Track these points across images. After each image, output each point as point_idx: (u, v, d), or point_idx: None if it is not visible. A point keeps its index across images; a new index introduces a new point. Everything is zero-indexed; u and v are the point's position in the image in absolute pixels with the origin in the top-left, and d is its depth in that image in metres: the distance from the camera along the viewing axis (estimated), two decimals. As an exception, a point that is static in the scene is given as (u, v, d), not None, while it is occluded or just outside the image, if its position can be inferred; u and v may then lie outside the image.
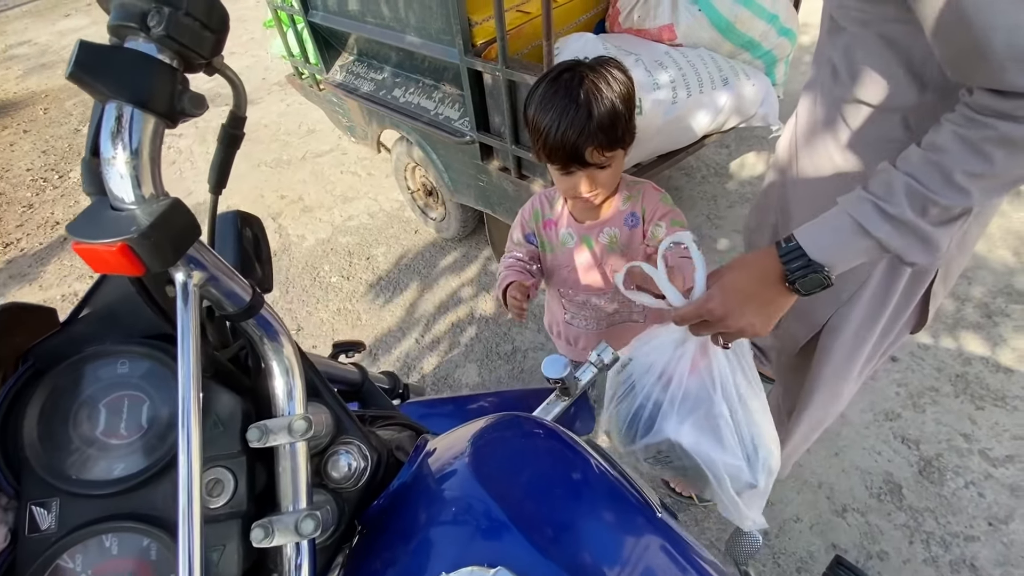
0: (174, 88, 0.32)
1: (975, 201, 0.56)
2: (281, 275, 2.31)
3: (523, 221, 1.06)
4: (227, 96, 3.88)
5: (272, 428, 0.43)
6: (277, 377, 0.45)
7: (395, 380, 0.99)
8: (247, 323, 0.43)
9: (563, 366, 0.77)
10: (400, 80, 1.87)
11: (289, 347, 0.46)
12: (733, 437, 0.75)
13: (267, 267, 0.65)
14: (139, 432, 0.43)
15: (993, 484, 1.35)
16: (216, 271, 0.38)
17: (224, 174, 0.47)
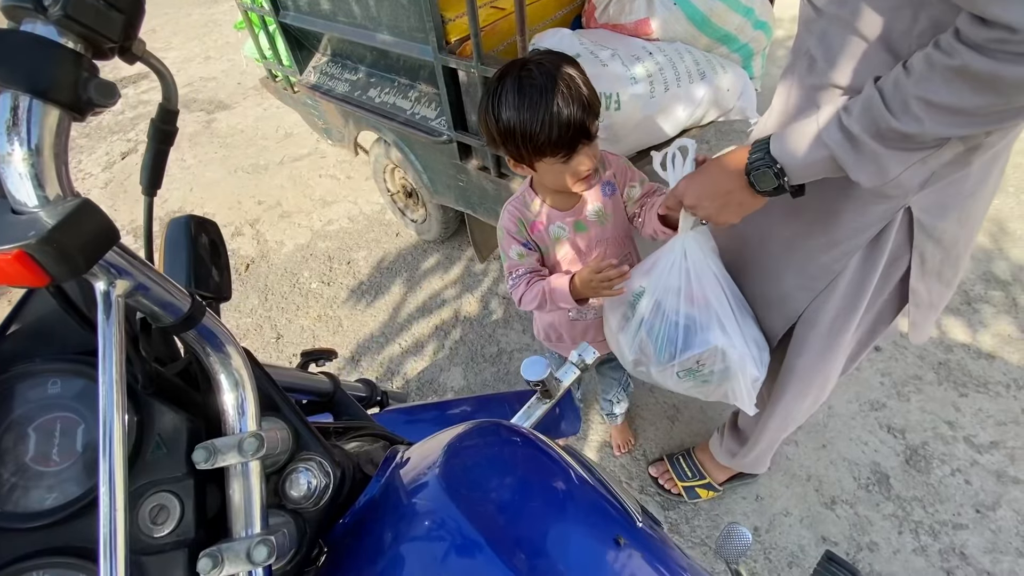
0: (78, 76, 0.28)
1: (927, 131, 0.55)
2: (260, 282, 2.26)
3: (512, 235, 1.01)
4: (203, 101, 3.81)
5: (221, 447, 0.40)
6: (226, 392, 0.42)
7: (372, 388, 0.96)
8: (188, 335, 0.39)
9: (543, 367, 0.75)
10: (375, 80, 1.84)
11: (238, 358, 0.42)
12: (748, 334, 0.90)
13: (225, 274, 0.61)
14: (73, 457, 0.39)
15: (979, 471, 1.36)
16: (145, 279, 0.35)
17: (158, 173, 0.44)
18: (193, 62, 4.49)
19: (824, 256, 0.81)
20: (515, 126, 0.81)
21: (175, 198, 2.89)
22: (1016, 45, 0.47)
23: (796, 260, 0.85)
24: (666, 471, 1.41)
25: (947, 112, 0.53)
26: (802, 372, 0.97)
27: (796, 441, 1.46)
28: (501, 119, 0.82)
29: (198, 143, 3.34)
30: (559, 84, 0.80)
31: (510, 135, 0.83)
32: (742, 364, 0.88)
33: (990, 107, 0.52)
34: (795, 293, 0.87)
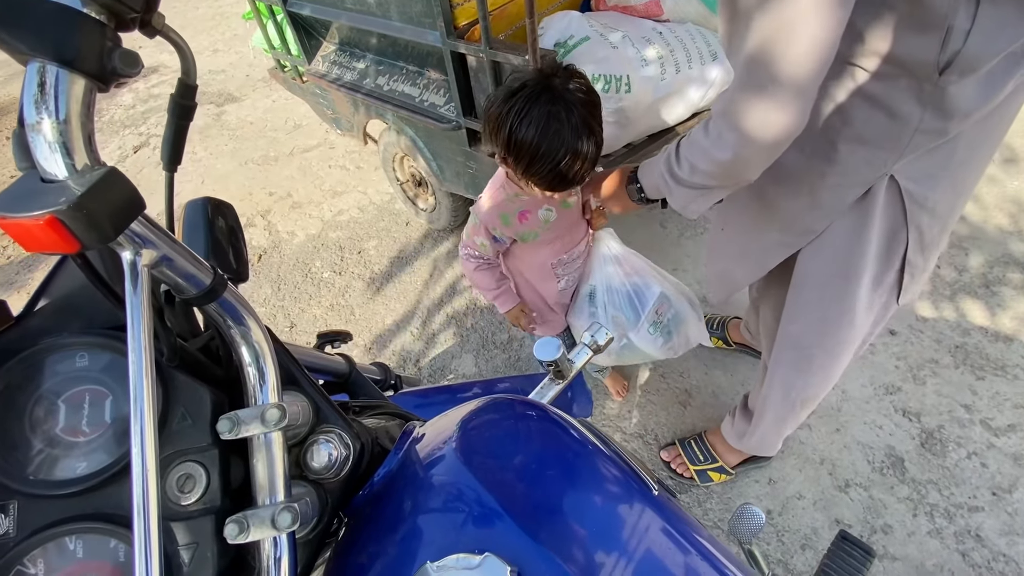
0: (103, 45, 0.29)
1: (694, 181, 0.76)
2: (272, 272, 2.28)
3: (486, 226, 1.06)
4: (212, 94, 3.82)
5: (244, 418, 0.41)
6: (247, 365, 0.43)
7: (386, 371, 0.97)
8: (210, 308, 0.40)
9: (556, 348, 0.75)
10: (384, 68, 1.83)
11: (259, 332, 0.43)
12: (673, 284, 1.19)
13: (242, 256, 0.62)
14: (102, 428, 0.41)
15: (996, 454, 1.34)
16: (169, 250, 0.35)
17: (178, 149, 0.44)
18: (202, 55, 4.51)
19: (807, 216, 0.84)
20: (529, 147, 0.80)
21: (187, 191, 2.92)
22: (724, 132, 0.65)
23: (780, 218, 0.88)
24: (678, 455, 1.41)
25: (701, 174, 0.73)
26: (797, 339, 0.98)
27: (809, 425, 1.46)
28: (517, 133, 0.80)
29: (209, 136, 3.36)
30: (586, 128, 0.80)
31: (519, 150, 0.82)
32: (681, 304, 1.17)
33: (723, 179, 0.73)
34: (774, 248, 0.92)
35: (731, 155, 0.67)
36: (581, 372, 1.03)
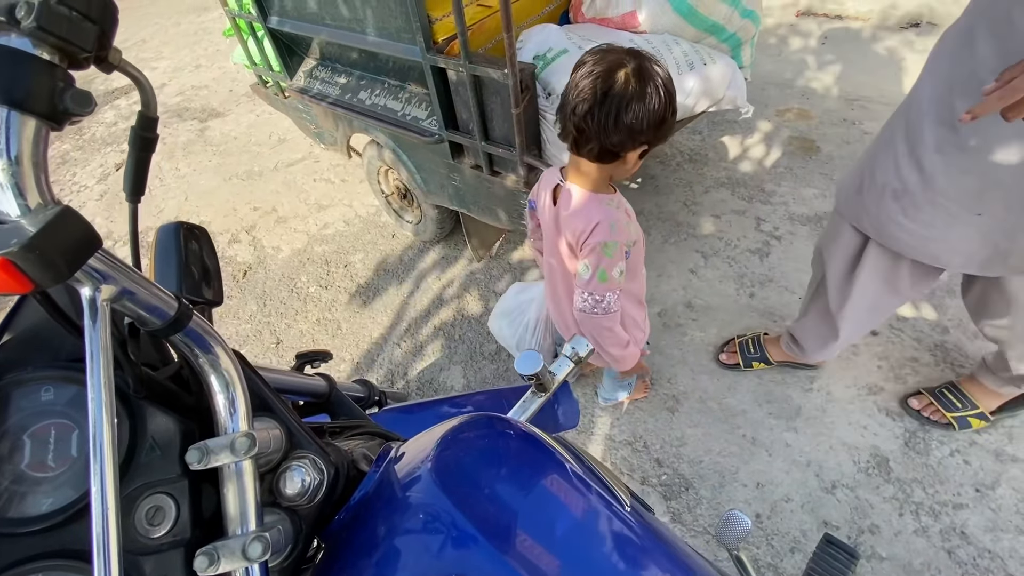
0: (54, 86, 0.29)
1: None
2: (258, 288, 2.27)
3: (622, 243, 0.98)
4: (195, 109, 3.81)
5: (213, 448, 0.40)
6: (217, 393, 0.43)
7: (370, 388, 0.97)
8: (176, 338, 0.40)
9: (537, 361, 0.75)
10: (365, 82, 1.84)
11: (227, 360, 0.43)
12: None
13: (216, 279, 0.62)
14: (68, 462, 0.40)
15: (977, 451, 1.36)
16: (131, 283, 0.35)
17: (140, 180, 0.44)
18: (184, 71, 4.49)
19: None
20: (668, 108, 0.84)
21: (170, 207, 2.89)
22: None
23: None
24: (930, 403, 1.41)
25: None
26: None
27: (795, 428, 1.47)
28: (671, 111, 0.85)
29: (192, 152, 3.34)
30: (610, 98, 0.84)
31: (668, 118, 0.85)
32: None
33: None
34: None
35: None
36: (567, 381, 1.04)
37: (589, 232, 0.94)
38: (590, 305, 0.99)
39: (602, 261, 0.94)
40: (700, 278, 1.88)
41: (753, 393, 1.56)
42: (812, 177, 2.16)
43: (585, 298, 0.99)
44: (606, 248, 0.94)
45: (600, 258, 0.94)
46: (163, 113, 3.89)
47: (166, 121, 3.77)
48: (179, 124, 3.70)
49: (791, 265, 1.86)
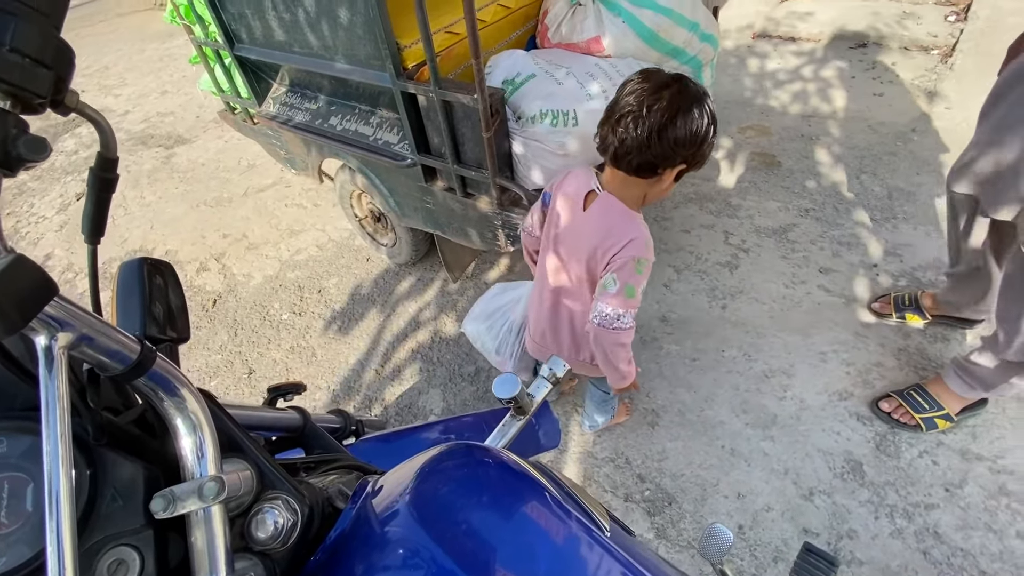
0: (7, 133, 0.28)
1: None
2: (229, 317, 2.21)
3: (651, 260, 1.00)
4: (160, 136, 3.73)
5: (179, 494, 0.39)
6: (183, 436, 0.41)
7: (346, 418, 0.95)
8: (139, 382, 0.39)
9: (515, 385, 0.75)
10: (336, 108, 1.84)
11: (193, 401, 0.42)
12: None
13: (182, 315, 0.60)
14: (23, 518, 0.38)
15: (944, 451, 1.41)
16: (89, 329, 0.34)
17: (100, 221, 0.43)
18: (149, 97, 4.42)
19: None
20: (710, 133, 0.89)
21: (135, 237, 2.82)
22: None
23: None
24: (899, 405, 1.46)
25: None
26: None
27: (772, 437, 1.49)
28: (711, 133, 0.88)
29: (157, 179, 3.27)
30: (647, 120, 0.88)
31: (708, 140, 0.89)
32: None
33: None
34: None
35: None
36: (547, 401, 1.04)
37: (623, 246, 0.94)
38: (610, 320, 0.97)
39: (632, 277, 0.94)
40: (674, 292, 1.92)
41: (730, 404, 1.59)
42: (775, 191, 2.24)
43: (607, 313, 0.97)
44: (639, 264, 0.94)
45: (631, 274, 0.94)
46: (127, 140, 3.81)
47: (130, 148, 3.69)
48: (144, 151, 3.62)
49: (760, 276, 1.91)
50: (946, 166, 2.19)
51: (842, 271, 1.88)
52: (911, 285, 1.80)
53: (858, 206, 2.11)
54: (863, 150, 2.35)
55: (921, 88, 2.64)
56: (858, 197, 2.14)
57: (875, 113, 2.54)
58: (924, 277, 1.82)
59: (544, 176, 1.52)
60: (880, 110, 2.56)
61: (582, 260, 1.02)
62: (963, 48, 2.80)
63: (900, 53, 2.92)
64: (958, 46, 2.83)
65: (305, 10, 1.52)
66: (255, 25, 1.73)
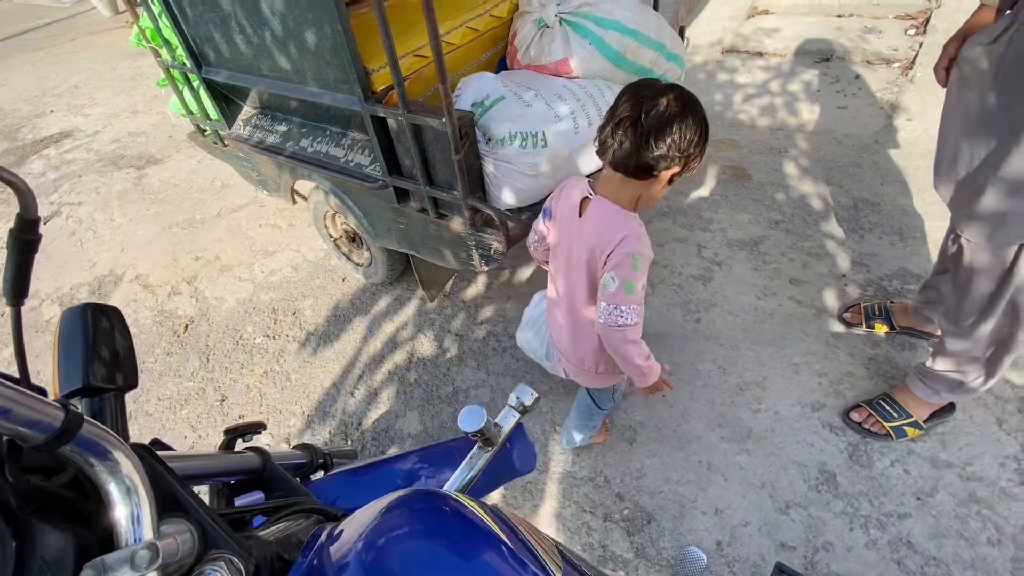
0: None
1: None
2: (200, 343, 2.16)
3: (648, 258, 1.03)
4: (131, 157, 3.67)
5: (111, 564, 0.37)
6: (117, 502, 0.40)
7: (312, 452, 0.92)
8: (65, 449, 0.37)
9: (480, 417, 0.74)
10: (307, 130, 1.83)
11: (127, 463, 0.40)
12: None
13: (129, 362, 0.58)
14: (-61, 599, 0.36)
15: (915, 459, 1.43)
16: (4, 401, 0.33)
17: (23, 283, 0.42)
18: (120, 117, 4.35)
19: None
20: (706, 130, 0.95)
21: (104, 261, 2.75)
22: None
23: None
24: (869, 414, 1.48)
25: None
26: None
27: (748, 450, 1.50)
28: (704, 132, 0.94)
29: (128, 201, 3.21)
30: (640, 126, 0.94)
31: (705, 138, 0.95)
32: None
33: None
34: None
35: None
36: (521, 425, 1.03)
37: (617, 243, 0.96)
38: (613, 319, 0.99)
39: (629, 274, 0.97)
40: (648, 306, 1.93)
41: (706, 418, 1.59)
42: (746, 203, 2.29)
43: (610, 311, 0.99)
44: (635, 260, 0.96)
45: (628, 271, 0.97)
46: (97, 161, 3.73)
47: (100, 170, 3.62)
48: (114, 172, 3.55)
49: (733, 289, 1.94)
50: (909, 176, 2.26)
51: (812, 282, 1.92)
52: (879, 295, 1.84)
53: (826, 217, 2.16)
54: (829, 162, 2.42)
55: (883, 100, 2.72)
56: (825, 208, 2.20)
57: (840, 125, 2.62)
58: (890, 286, 1.86)
59: (516, 197, 1.52)
60: (845, 122, 2.63)
61: (582, 264, 1.05)
62: (923, 61, 2.90)
63: (863, 66, 3.01)
64: (918, 59, 2.94)
65: (272, 33, 1.51)
66: (223, 48, 1.72)
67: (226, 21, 1.61)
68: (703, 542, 1.35)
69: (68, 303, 2.55)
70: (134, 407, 1.98)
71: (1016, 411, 1.48)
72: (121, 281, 2.59)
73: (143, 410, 1.96)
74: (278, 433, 1.80)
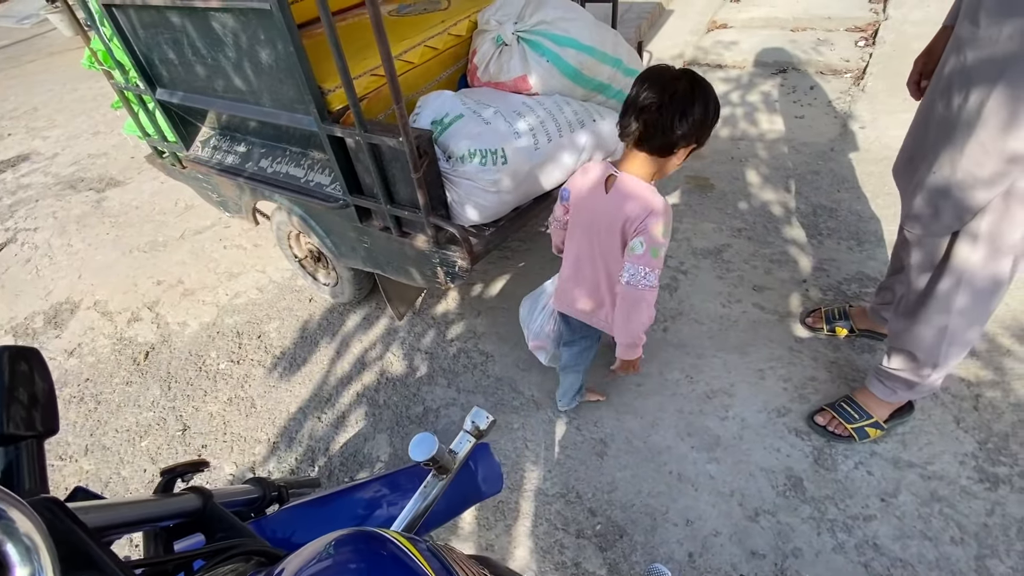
0: None
1: None
2: (161, 370, 2.09)
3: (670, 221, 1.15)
4: (91, 179, 3.55)
5: (3, 638, 0.35)
6: (16, 565, 0.37)
7: (265, 487, 0.89)
8: (-53, 515, 0.35)
9: (431, 445, 0.73)
10: (266, 150, 1.80)
11: (26, 521, 0.38)
12: None
13: (48, 404, 0.56)
14: None
15: (878, 460, 1.46)
16: None
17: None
18: (80, 139, 4.24)
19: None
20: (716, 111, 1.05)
21: (61, 288, 2.65)
22: None
23: None
24: (833, 417, 1.51)
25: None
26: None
27: (717, 459, 1.51)
28: (716, 115, 1.05)
29: (87, 225, 3.11)
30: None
31: (713, 119, 1.05)
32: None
33: None
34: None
35: None
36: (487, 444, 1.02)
37: (648, 213, 1.08)
38: (639, 278, 1.11)
39: (656, 241, 1.08)
40: (618, 318, 1.94)
41: (675, 427, 1.60)
42: (709, 212, 2.33)
43: (634, 272, 1.11)
44: (664, 229, 1.08)
45: (656, 238, 1.08)
46: (55, 185, 3.62)
47: (58, 193, 3.51)
48: (73, 196, 3.45)
49: (698, 297, 1.96)
50: (863, 182, 2.34)
51: (775, 288, 1.96)
52: (838, 299, 1.88)
53: (786, 224, 2.21)
54: (788, 170, 2.48)
55: (837, 109, 2.82)
56: (786, 215, 2.25)
57: (797, 134, 2.70)
58: (849, 290, 1.91)
59: (479, 213, 1.52)
60: (802, 131, 2.71)
61: (615, 231, 1.15)
62: (873, 71, 3.02)
63: (817, 77, 3.12)
64: (868, 69, 3.06)
65: (226, 55, 1.49)
66: (176, 69, 1.69)
67: (178, 42, 1.58)
68: (675, 554, 1.35)
69: (23, 334, 2.45)
70: (90, 440, 1.90)
71: (972, 408, 1.53)
72: (78, 308, 2.50)
73: (100, 443, 1.88)
74: (243, 462, 1.74)
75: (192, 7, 1.41)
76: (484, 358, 1.91)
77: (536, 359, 1.61)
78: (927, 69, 1.29)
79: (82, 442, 1.89)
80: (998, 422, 1.48)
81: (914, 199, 1.17)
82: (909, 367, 1.35)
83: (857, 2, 3.68)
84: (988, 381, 1.57)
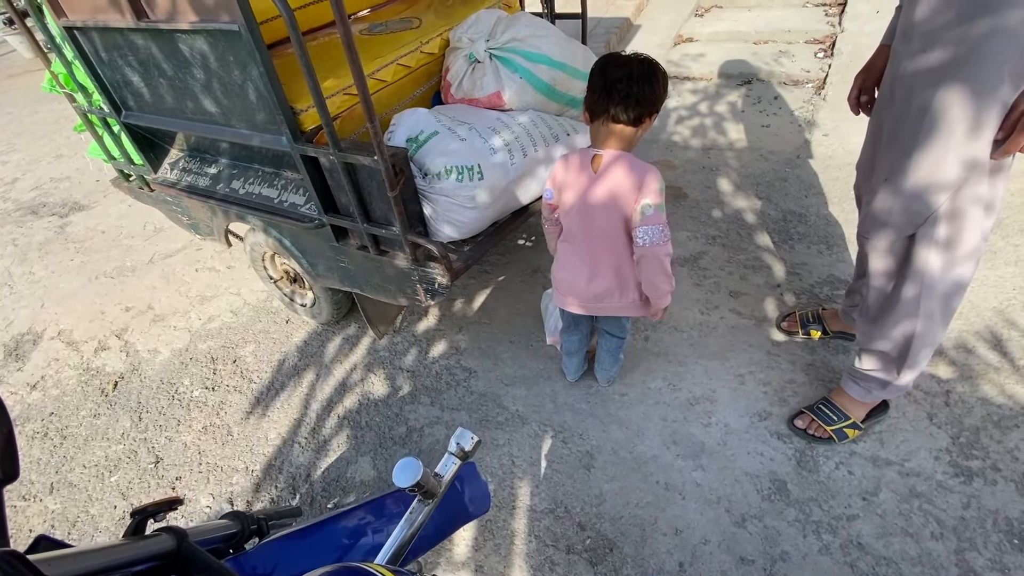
0: None
1: None
2: (132, 401, 2.01)
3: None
4: (54, 204, 3.44)
5: None
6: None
7: (243, 520, 0.86)
8: None
9: (416, 470, 0.71)
10: (238, 171, 1.77)
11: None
12: None
13: (7, 449, 0.53)
14: None
15: (857, 459, 1.49)
16: None
17: None
18: (42, 162, 4.11)
19: None
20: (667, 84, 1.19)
21: (22, 318, 2.54)
22: None
23: None
24: (812, 420, 1.54)
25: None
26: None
27: (702, 466, 1.52)
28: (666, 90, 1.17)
29: (50, 251, 3.00)
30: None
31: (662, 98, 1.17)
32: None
33: None
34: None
35: None
36: (473, 464, 1.00)
37: (645, 176, 1.17)
38: (655, 235, 1.19)
39: (659, 197, 1.18)
40: (599, 328, 1.95)
41: (660, 436, 1.61)
42: (683, 221, 2.37)
43: (650, 231, 1.19)
44: (658, 185, 1.18)
45: (658, 195, 1.18)
46: (16, 211, 3.49)
47: (19, 220, 3.38)
48: (35, 222, 3.33)
49: (677, 305, 1.99)
50: (828, 188, 2.41)
51: (750, 293, 2.00)
52: (812, 302, 1.93)
53: (759, 230, 2.26)
54: (758, 177, 2.55)
55: (801, 118, 2.92)
56: (758, 222, 2.31)
57: (765, 143, 2.78)
58: (822, 293, 1.96)
59: (457, 230, 1.52)
60: (769, 140, 2.80)
61: (614, 205, 1.22)
62: (832, 80, 3.14)
63: (780, 88, 3.23)
64: (828, 79, 3.18)
65: (195, 77, 1.46)
66: (143, 92, 1.65)
67: (144, 65, 1.55)
68: (665, 565, 1.34)
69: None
70: (56, 478, 1.81)
71: (944, 404, 1.57)
72: (41, 339, 2.40)
73: (66, 481, 1.80)
74: (220, 493, 1.68)
75: (157, 29, 1.38)
76: (467, 374, 1.89)
77: (527, 371, 1.60)
78: (866, 85, 1.35)
79: (47, 480, 1.80)
80: (969, 416, 1.53)
81: (870, 204, 1.23)
82: (880, 367, 1.38)
83: (814, 15, 3.84)
84: (957, 377, 1.62)
